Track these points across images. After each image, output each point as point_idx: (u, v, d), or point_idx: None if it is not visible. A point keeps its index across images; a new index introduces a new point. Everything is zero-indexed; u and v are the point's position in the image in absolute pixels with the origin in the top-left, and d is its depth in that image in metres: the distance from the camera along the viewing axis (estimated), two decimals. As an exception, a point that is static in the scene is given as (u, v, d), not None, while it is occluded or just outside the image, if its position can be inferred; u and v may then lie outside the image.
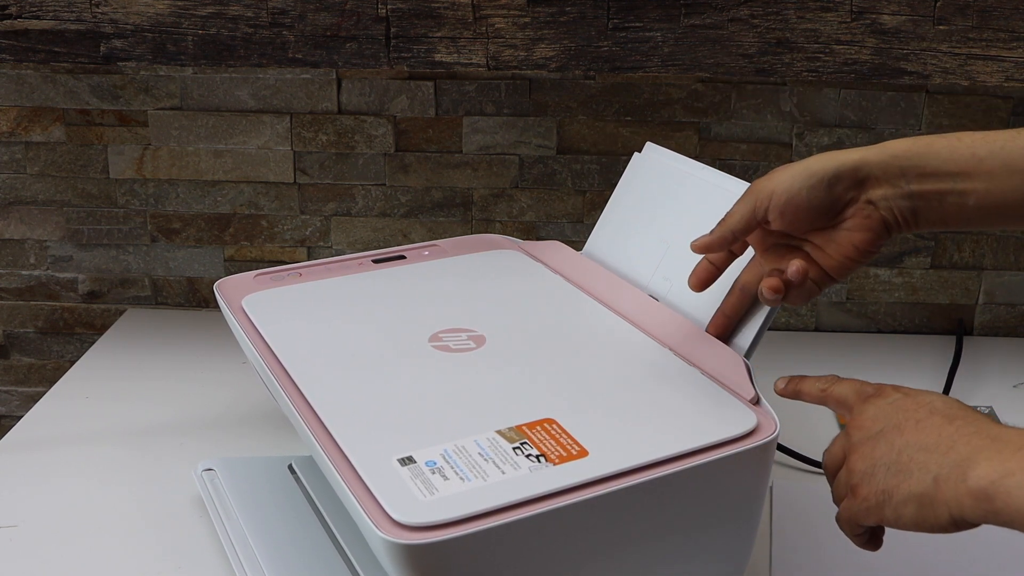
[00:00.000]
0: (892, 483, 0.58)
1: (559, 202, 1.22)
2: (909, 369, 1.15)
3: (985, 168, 0.65)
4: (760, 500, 0.67)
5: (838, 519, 0.63)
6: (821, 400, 0.67)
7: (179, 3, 0.98)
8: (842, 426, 0.70)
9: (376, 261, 0.91)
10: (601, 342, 0.77)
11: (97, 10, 0.98)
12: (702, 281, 0.73)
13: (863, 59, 0.97)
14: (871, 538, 0.64)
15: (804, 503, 0.86)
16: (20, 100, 1.20)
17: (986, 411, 1.05)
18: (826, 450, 0.66)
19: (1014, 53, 0.96)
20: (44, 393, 1.07)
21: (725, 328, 0.74)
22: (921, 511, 0.56)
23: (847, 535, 0.64)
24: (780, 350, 1.18)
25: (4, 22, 0.99)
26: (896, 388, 0.63)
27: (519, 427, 0.64)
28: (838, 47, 0.97)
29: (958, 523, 0.55)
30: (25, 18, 0.99)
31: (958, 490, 0.54)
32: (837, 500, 0.64)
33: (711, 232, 0.70)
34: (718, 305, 0.75)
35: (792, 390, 0.69)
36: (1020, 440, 0.54)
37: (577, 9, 0.97)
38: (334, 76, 1.17)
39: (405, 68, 1.00)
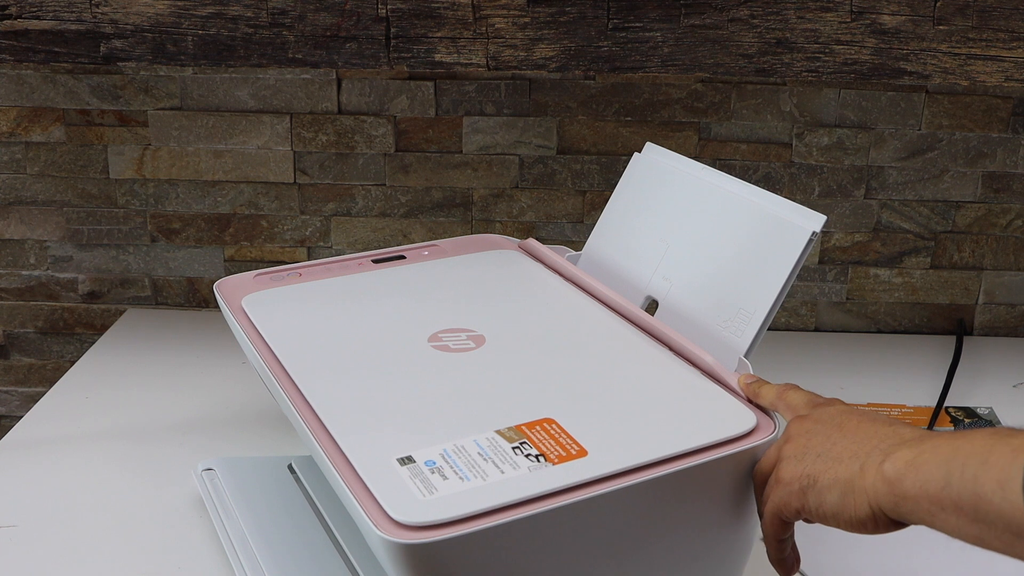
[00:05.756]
0: (820, 468, 0.58)
1: (559, 202, 1.22)
2: (909, 369, 1.15)
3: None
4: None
5: (762, 518, 0.63)
6: (776, 404, 0.67)
7: (179, 3, 0.98)
8: None
9: (376, 261, 0.91)
10: (601, 342, 0.77)
11: (97, 10, 0.98)
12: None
13: (863, 59, 0.97)
14: (790, 557, 0.64)
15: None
16: (20, 100, 1.20)
17: (986, 412, 1.05)
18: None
19: (1014, 53, 0.96)
20: (44, 393, 1.07)
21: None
22: (843, 498, 0.56)
23: (768, 540, 0.64)
24: (780, 350, 1.18)
25: (4, 22, 0.99)
26: (843, 403, 0.64)
27: (518, 427, 0.64)
28: (838, 47, 0.97)
29: (876, 516, 0.54)
30: (25, 18, 0.99)
31: (876, 476, 0.54)
32: (763, 502, 0.63)
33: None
34: (717, 304, 0.75)
35: (753, 391, 0.69)
36: (945, 437, 0.53)
37: (577, 9, 0.97)
38: (334, 76, 1.18)
39: (405, 68, 1.00)
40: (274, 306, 0.82)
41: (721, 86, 1.16)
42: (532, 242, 0.93)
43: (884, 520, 0.54)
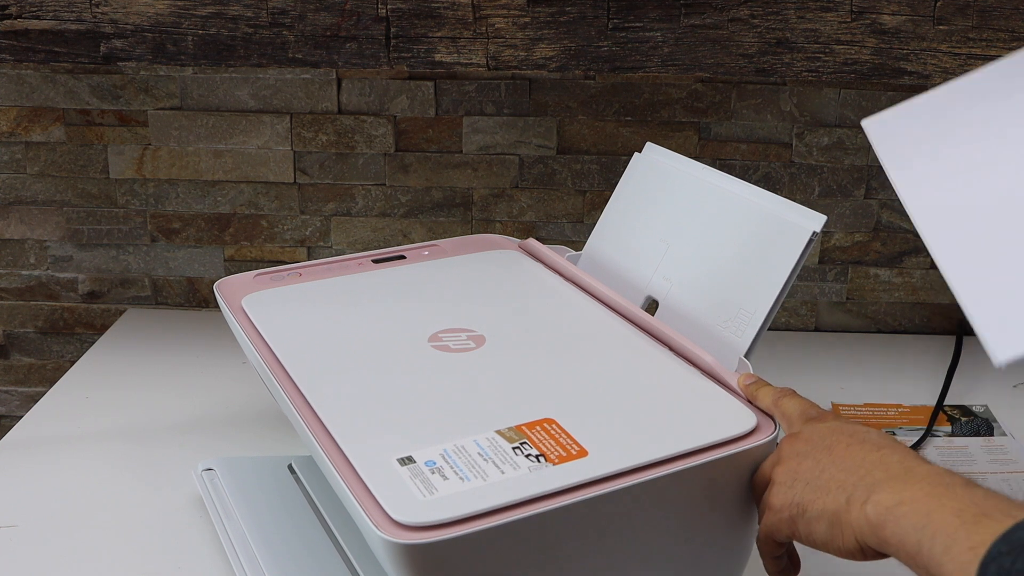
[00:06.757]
0: (808, 497, 0.58)
1: (559, 202, 1.22)
2: (909, 369, 1.15)
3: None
4: (760, 500, 0.67)
5: (757, 538, 0.64)
6: (771, 410, 0.67)
7: (179, 3, 0.98)
8: None
9: (376, 261, 0.91)
10: (601, 342, 0.77)
11: (97, 10, 0.98)
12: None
13: (863, 59, 0.97)
14: (790, 565, 0.64)
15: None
16: (20, 100, 1.20)
17: (981, 409, 1.05)
18: (757, 470, 0.65)
19: (1014, 53, 0.96)
20: (44, 393, 1.07)
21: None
22: (831, 529, 0.56)
23: (764, 557, 0.64)
24: (780, 350, 1.18)
25: (4, 22, 0.99)
26: (837, 416, 0.64)
27: (519, 427, 0.64)
28: (838, 47, 0.97)
29: (863, 549, 0.55)
30: (25, 18, 0.99)
31: (860, 513, 0.54)
32: (759, 512, 0.64)
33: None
34: (717, 304, 0.75)
35: (751, 392, 0.69)
36: (929, 475, 0.53)
37: (577, 9, 0.97)
38: (334, 76, 1.17)
39: (405, 68, 1.00)
40: (274, 306, 0.82)
41: (721, 86, 1.16)
42: (532, 242, 0.93)
43: (871, 552, 0.55)
